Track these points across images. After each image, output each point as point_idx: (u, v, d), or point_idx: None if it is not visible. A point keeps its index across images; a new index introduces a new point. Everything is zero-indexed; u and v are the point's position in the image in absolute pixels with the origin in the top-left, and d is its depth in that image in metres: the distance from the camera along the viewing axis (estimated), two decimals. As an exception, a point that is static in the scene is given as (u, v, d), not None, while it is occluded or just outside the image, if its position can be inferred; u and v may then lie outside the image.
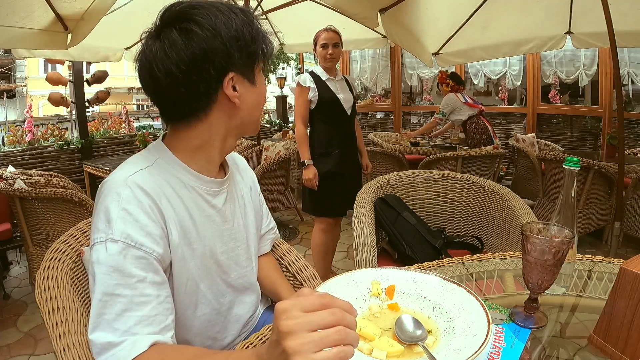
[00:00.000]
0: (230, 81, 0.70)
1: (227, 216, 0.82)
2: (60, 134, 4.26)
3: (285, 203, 3.55)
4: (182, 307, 0.76)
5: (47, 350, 1.96)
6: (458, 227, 1.68)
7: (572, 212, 0.76)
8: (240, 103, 0.73)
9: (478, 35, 3.70)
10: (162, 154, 0.75)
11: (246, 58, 0.72)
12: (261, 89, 0.78)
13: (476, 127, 3.52)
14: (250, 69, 0.74)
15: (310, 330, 0.41)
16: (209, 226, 0.78)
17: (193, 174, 0.75)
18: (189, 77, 0.67)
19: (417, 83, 5.76)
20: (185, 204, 0.74)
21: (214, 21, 0.67)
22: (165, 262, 0.69)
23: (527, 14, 3.40)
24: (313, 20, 3.73)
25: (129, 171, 0.69)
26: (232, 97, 0.71)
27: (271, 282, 0.99)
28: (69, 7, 2.58)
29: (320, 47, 2.22)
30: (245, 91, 0.73)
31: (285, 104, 7.35)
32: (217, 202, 0.80)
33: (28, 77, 14.57)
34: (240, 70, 0.72)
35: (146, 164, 0.72)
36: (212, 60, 0.67)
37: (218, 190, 0.80)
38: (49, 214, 2.23)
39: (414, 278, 0.75)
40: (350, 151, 2.35)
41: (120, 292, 0.61)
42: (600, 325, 0.64)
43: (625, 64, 4.10)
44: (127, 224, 0.64)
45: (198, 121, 0.73)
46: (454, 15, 3.57)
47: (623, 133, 2.25)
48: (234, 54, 0.69)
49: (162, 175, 0.72)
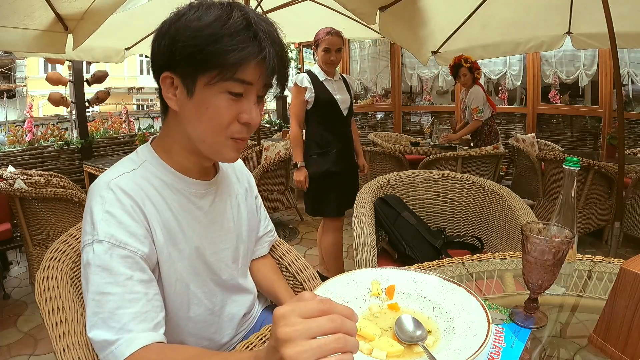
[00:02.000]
0: (168, 81, 0.68)
1: (214, 217, 0.81)
2: (60, 134, 4.26)
3: (285, 203, 3.55)
4: (174, 308, 0.76)
5: (47, 350, 1.96)
6: (458, 227, 1.68)
7: (572, 212, 0.76)
8: (180, 110, 0.69)
9: (477, 34, 3.70)
10: (149, 156, 0.75)
11: (184, 64, 0.64)
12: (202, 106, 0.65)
13: (489, 130, 3.47)
14: (189, 77, 0.65)
15: (309, 337, 0.40)
16: (196, 227, 0.77)
17: (178, 175, 0.75)
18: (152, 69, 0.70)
19: (417, 83, 5.76)
20: (170, 206, 0.74)
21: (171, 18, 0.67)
22: (151, 261, 0.70)
23: (527, 13, 3.41)
24: (313, 20, 3.73)
25: (112, 175, 0.70)
26: (165, 97, 0.69)
27: (269, 283, 0.98)
28: (69, 7, 2.58)
29: (323, 51, 2.20)
30: (183, 99, 0.68)
31: (285, 104, 7.35)
32: (203, 204, 0.79)
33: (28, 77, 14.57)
34: (179, 74, 0.66)
35: (132, 166, 0.73)
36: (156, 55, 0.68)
37: (204, 191, 0.79)
38: (49, 214, 2.23)
39: (414, 278, 0.75)
40: (347, 151, 2.35)
41: (111, 290, 0.62)
42: (600, 325, 0.64)
43: (625, 64, 4.10)
44: (110, 225, 0.65)
45: (164, 120, 0.75)
46: (454, 14, 3.57)
47: (623, 133, 2.25)
48: (167, 53, 0.65)
49: (147, 178, 0.72)
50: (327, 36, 2.19)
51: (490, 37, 3.74)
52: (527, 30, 3.57)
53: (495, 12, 3.44)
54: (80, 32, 2.69)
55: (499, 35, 3.68)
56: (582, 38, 3.44)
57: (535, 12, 3.39)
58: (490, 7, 3.39)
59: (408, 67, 5.73)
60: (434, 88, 5.69)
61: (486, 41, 3.79)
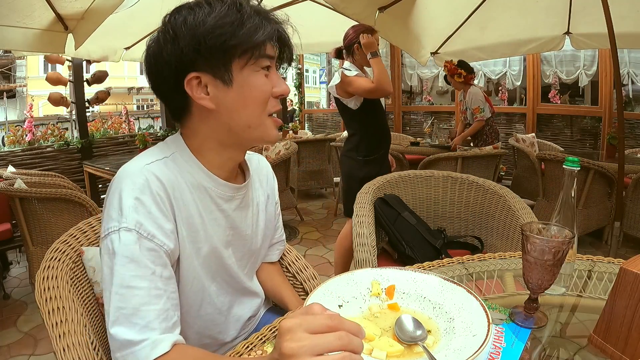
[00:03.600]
0: (195, 82, 0.67)
1: (234, 222, 0.80)
2: (60, 134, 4.26)
3: (285, 203, 3.55)
4: (186, 305, 0.76)
5: (47, 350, 1.96)
6: (458, 227, 1.68)
7: (572, 212, 0.76)
8: (217, 107, 0.68)
9: (477, 35, 3.70)
10: (179, 148, 0.73)
11: (214, 57, 0.65)
12: (245, 90, 0.67)
13: (490, 130, 3.48)
14: (222, 68, 0.66)
15: (315, 354, 0.40)
16: (215, 229, 0.77)
17: (207, 173, 0.73)
18: (154, 80, 0.70)
19: (417, 83, 5.76)
20: (195, 202, 0.72)
21: (176, 21, 0.65)
22: (174, 257, 0.68)
23: (526, 14, 3.41)
24: (313, 21, 3.73)
25: (145, 160, 0.68)
26: (197, 99, 0.67)
27: (274, 286, 0.98)
28: (69, 7, 2.58)
29: None
30: (220, 93, 0.67)
31: (285, 103, 7.34)
32: (227, 207, 0.77)
33: (28, 77, 14.55)
34: (209, 71, 0.66)
35: (163, 155, 0.71)
36: (167, 61, 0.66)
37: (232, 195, 0.78)
38: (49, 214, 2.23)
39: (414, 278, 0.75)
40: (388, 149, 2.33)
41: (137, 284, 0.60)
42: (600, 325, 0.64)
43: (625, 64, 4.10)
44: (139, 214, 0.62)
45: (186, 122, 0.73)
46: (453, 15, 3.57)
47: (623, 133, 2.25)
48: (191, 54, 0.64)
49: (177, 169, 0.71)
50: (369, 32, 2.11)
51: (489, 39, 3.74)
52: (525, 31, 3.57)
53: (493, 14, 3.45)
54: (81, 31, 2.69)
55: (498, 36, 3.68)
56: (581, 38, 3.44)
57: (533, 13, 3.39)
58: (489, 9, 3.39)
59: (408, 67, 5.74)
60: (434, 88, 5.69)
61: (485, 42, 3.78)
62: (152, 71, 0.70)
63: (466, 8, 3.47)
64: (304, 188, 4.38)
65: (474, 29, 3.64)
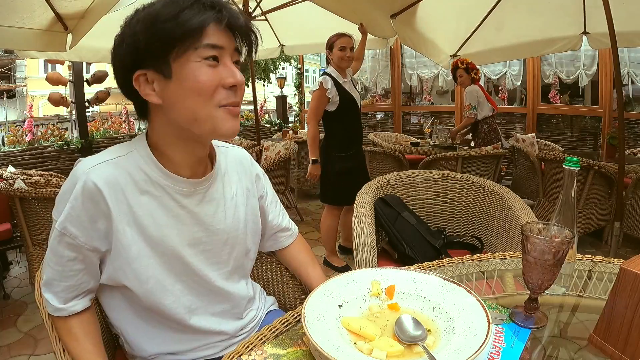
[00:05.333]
0: (143, 79, 0.67)
1: (201, 218, 0.78)
2: (60, 134, 4.26)
3: (285, 203, 3.50)
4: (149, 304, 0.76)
5: (47, 350, 1.96)
6: (458, 227, 1.68)
7: (572, 212, 0.76)
8: (163, 101, 0.68)
9: (493, 37, 3.73)
10: (139, 146, 0.73)
11: (153, 51, 0.65)
12: (183, 82, 0.66)
13: (489, 129, 3.49)
14: (161, 61, 0.65)
15: None
16: (176, 226, 0.75)
17: (163, 171, 0.73)
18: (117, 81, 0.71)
19: (417, 83, 5.76)
20: (148, 202, 0.72)
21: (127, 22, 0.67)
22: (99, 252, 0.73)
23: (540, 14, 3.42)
24: (313, 21, 3.73)
25: (94, 162, 0.71)
26: (145, 95, 0.68)
27: (297, 267, 1.01)
28: (69, 7, 2.58)
29: (339, 50, 2.42)
30: (163, 88, 0.67)
31: (285, 104, 7.34)
32: (188, 203, 0.76)
33: (28, 77, 14.55)
34: (152, 66, 0.66)
35: (118, 154, 0.72)
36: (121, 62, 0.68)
37: (192, 190, 0.76)
38: (49, 214, 2.22)
39: (414, 278, 0.75)
40: (361, 145, 2.67)
41: (53, 266, 0.73)
42: (600, 325, 0.64)
43: (625, 64, 4.10)
44: (68, 219, 0.69)
45: (148, 120, 0.75)
46: (465, 17, 3.60)
47: (623, 133, 2.25)
48: (136, 52, 0.65)
49: (129, 169, 0.71)
50: (341, 37, 2.44)
51: (505, 40, 3.77)
52: (542, 31, 3.58)
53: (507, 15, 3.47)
54: (80, 31, 2.69)
55: (514, 37, 3.71)
56: (598, 37, 3.42)
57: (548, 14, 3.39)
58: (503, 10, 3.42)
59: (408, 67, 5.73)
60: (434, 88, 5.69)
61: (502, 44, 3.83)
62: (115, 73, 0.71)
63: (477, 9, 3.49)
64: (304, 188, 4.37)
65: (489, 30, 3.66)
